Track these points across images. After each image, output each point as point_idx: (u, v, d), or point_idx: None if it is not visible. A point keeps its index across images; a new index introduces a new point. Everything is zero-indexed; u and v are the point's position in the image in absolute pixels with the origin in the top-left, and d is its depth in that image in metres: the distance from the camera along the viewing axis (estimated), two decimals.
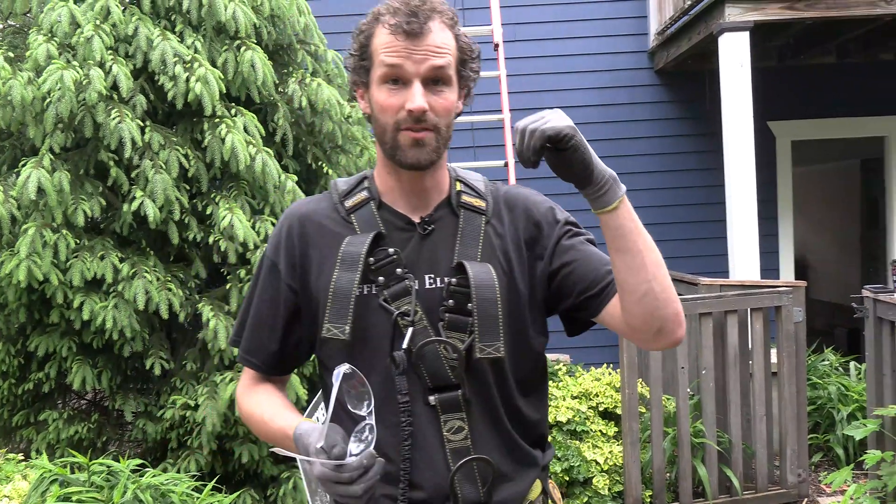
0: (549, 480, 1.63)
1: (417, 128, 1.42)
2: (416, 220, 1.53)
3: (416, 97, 1.40)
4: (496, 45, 5.61)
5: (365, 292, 1.47)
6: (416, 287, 1.47)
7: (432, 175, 1.52)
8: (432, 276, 1.49)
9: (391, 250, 1.48)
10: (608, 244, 1.42)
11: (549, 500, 1.60)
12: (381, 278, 1.48)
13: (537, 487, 1.57)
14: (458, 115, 1.52)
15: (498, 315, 1.45)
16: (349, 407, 1.39)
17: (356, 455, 1.30)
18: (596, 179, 1.38)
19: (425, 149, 1.44)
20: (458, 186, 1.56)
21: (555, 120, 1.32)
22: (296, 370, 4.12)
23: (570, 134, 1.32)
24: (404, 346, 1.44)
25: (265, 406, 1.55)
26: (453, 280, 1.48)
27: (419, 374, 1.46)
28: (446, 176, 1.57)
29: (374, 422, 1.34)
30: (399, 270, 1.48)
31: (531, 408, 1.57)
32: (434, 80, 1.43)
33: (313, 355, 1.63)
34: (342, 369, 1.36)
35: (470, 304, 1.45)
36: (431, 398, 1.46)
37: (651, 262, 1.41)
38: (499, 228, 1.54)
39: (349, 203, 1.54)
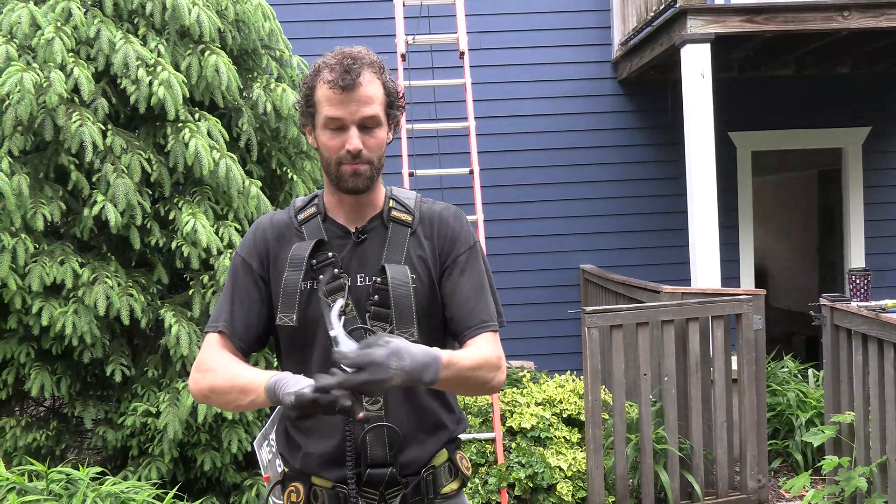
0: (459, 452, 1.93)
1: (355, 162, 1.77)
2: (352, 230, 1.86)
3: (353, 140, 1.75)
4: (461, 54, 5.63)
5: (309, 287, 1.80)
6: (349, 284, 1.80)
7: (367, 196, 1.86)
8: (363, 275, 1.83)
9: (330, 254, 1.82)
10: None
11: (454, 468, 1.89)
12: (321, 276, 1.80)
13: (443, 455, 1.87)
14: (389, 143, 1.85)
15: (412, 307, 1.78)
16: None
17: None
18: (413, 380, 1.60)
19: (362, 177, 1.79)
20: (391, 203, 1.90)
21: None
22: None
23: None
24: None
25: (234, 363, 1.79)
26: (378, 279, 1.81)
27: None
28: (381, 195, 1.91)
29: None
30: (336, 270, 1.81)
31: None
32: (366, 125, 1.77)
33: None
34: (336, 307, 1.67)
35: (391, 299, 1.78)
36: None
37: (465, 389, 1.81)
38: (421, 239, 1.88)
39: (301, 216, 1.90)
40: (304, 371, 1.75)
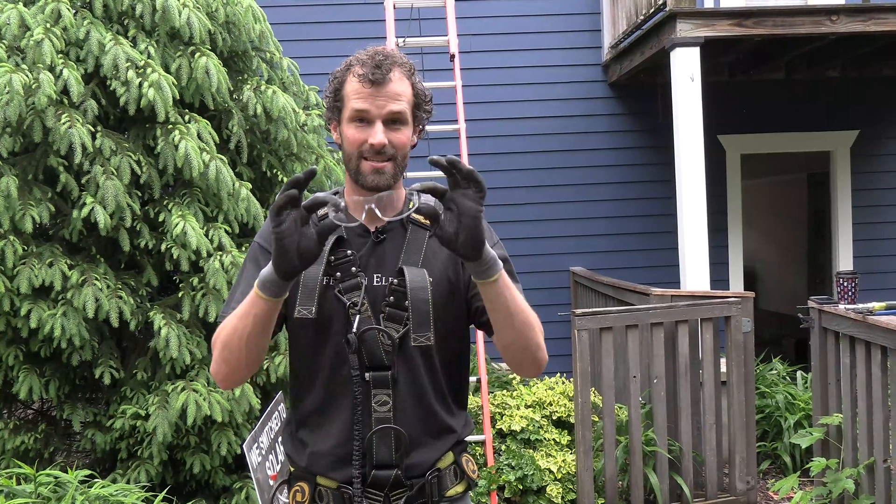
0: (465, 455, 1.93)
1: (378, 159, 1.75)
2: (372, 229, 1.85)
3: (378, 134, 1.74)
4: (452, 56, 5.63)
5: (326, 283, 1.79)
6: (366, 283, 1.79)
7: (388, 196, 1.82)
8: (380, 275, 1.82)
9: (349, 252, 1.81)
10: (485, 304, 1.68)
11: (460, 471, 1.89)
12: (338, 273, 1.80)
13: (448, 458, 1.87)
14: (413, 146, 1.84)
15: (429, 311, 1.78)
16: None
17: None
18: (483, 259, 1.59)
19: (384, 175, 1.77)
20: (410, 205, 1.79)
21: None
22: (250, 380, 4.09)
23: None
24: (353, 330, 1.75)
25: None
26: (395, 280, 1.80)
27: (360, 354, 1.77)
28: (402, 196, 1.90)
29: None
30: (353, 269, 1.80)
31: (454, 389, 1.89)
32: (393, 121, 1.76)
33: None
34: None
35: (407, 301, 1.77)
36: (367, 375, 1.77)
37: (519, 323, 1.69)
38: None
39: (321, 212, 1.76)
40: (315, 367, 1.80)
